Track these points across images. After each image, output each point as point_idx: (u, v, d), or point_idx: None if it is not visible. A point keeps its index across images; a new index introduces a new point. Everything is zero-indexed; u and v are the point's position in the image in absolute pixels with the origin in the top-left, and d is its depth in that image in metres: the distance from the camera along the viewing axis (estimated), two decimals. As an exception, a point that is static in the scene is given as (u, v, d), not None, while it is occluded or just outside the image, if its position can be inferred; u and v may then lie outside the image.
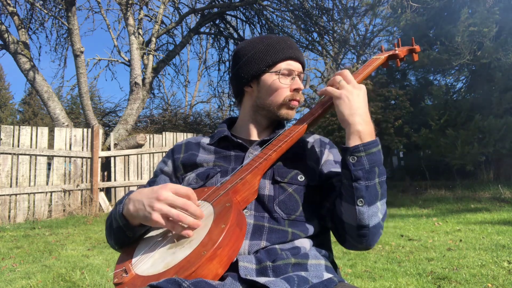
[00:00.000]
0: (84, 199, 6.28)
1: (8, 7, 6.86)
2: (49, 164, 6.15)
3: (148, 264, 0.73)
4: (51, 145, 6.30)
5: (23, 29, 7.09)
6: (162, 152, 7.16)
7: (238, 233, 0.72)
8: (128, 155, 6.89)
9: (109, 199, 6.70)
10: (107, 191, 6.80)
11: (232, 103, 12.59)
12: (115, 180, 6.70)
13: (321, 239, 0.90)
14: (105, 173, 6.85)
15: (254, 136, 1.03)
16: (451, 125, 7.84)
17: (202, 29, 9.67)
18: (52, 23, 8.39)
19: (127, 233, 0.82)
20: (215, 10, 9.04)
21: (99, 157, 6.50)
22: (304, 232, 0.85)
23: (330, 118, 8.50)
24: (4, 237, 4.36)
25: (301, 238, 0.85)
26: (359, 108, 0.83)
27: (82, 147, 6.43)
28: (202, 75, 19.41)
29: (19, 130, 5.80)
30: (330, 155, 0.99)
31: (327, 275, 0.75)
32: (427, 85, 9.81)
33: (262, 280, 0.69)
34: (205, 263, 0.65)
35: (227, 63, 10.38)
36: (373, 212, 0.79)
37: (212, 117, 13.61)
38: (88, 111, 7.03)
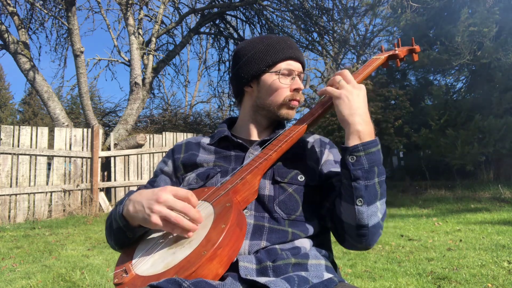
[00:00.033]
0: (84, 199, 6.28)
1: (8, 7, 6.86)
2: (49, 164, 6.15)
3: (148, 264, 0.73)
4: (51, 145, 6.30)
5: (23, 29, 7.10)
6: (162, 152, 7.15)
7: (238, 233, 0.72)
8: (128, 155, 6.89)
9: (109, 199, 6.70)
10: (107, 191, 6.80)
11: (232, 103, 12.60)
12: (115, 180, 6.70)
13: (321, 239, 0.90)
14: (105, 173, 6.86)
15: (254, 136, 1.03)
16: (451, 125, 7.84)
17: (202, 29, 9.67)
18: (52, 23, 8.40)
19: (127, 234, 0.82)
20: (215, 10, 9.04)
21: (99, 157, 6.50)
22: (304, 232, 0.85)
23: (330, 118, 8.50)
24: (4, 237, 4.36)
25: (301, 238, 0.85)
26: (359, 108, 0.83)
27: (82, 147, 6.43)
28: (202, 75, 19.44)
29: (19, 130, 5.80)
30: (330, 155, 0.99)
31: (327, 275, 0.75)
32: (427, 85, 9.81)
33: (262, 280, 0.69)
34: (205, 263, 0.65)
35: (227, 63, 10.38)
36: (372, 212, 0.79)
37: (212, 117, 13.61)
38: (88, 111, 7.03)
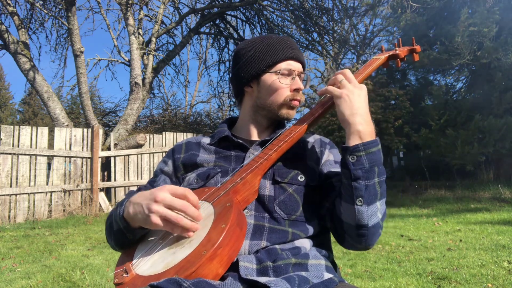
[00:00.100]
0: (84, 199, 6.28)
1: (8, 7, 6.86)
2: (49, 164, 6.15)
3: (148, 264, 0.73)
4: (51, 145, 6.30)
5: (23, 29, 7.10)
6: (162, 152, 7.15)
7: (238, 233, 0.72)
8: (128, 155, 6.89)
9: (109, 199, 6.70)
10: (107, 191, 6.80)
11: (232, 103, 12.60)
12: (115, 180, 6.70)
13: (321, 239, 0.90)
14: (105, 173, 6.86)
15: (255, 136, 1.03)
16: (451, 125, 7.83)
17: (202, 29, 9.67)
18: (52, 23, 8.41)
19: (127, 236, 0.82)
20: (215, 10, 9.04)
21: (99, 157, 6.50)
22: (304, 232, 0.85)
23: (330, 118, 8.50)
24: (4, 237, 4.36)
25: (301, 238, 0.85)
26: (359, 108, 0.83)
27: (82, 147, 6.43)
28: (202, 75, 19.44)
29: (19, 130, 5.80)
30: (330, 155, 0.99)
31: (327, 275, 0.75)
32: (427, 85, 9.81)
33: (262, 280, 0.69)
34: (205, 263, 0.65)
35: (227, 63, 10.39)
36: (372, 212, 0.79)
37: (212, 117, 13.61)
38: (88, 111, 7.03)
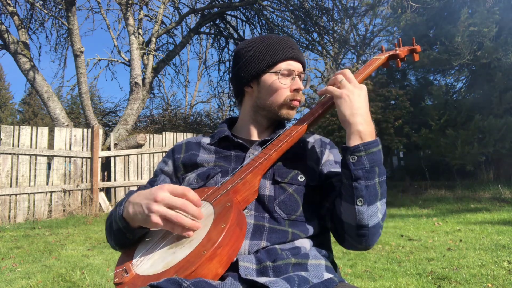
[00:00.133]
0: (84, 199, 6.28)
1: (8, 7, 6.86)
2: (49, 164, 6.15)
3: (148, 264, 0.73)
4: (51, 145, 6.30)
5: (23, 29, 7.10)
6: (162, 152, 7.15)
7: (238, 233, 0.72)
8: (128, 155, 6.89)
9: (109, 199, 6.70)
10: (107, 191, 6.80)
11: (232, 103, 12.60)
12: (115, 180, 6.70)
13: (321, 239, 0.90)
14: (105, 173, 6.86)
15: (255, 136, 1.03)
16: (451, 125, 7.83)
17: (202, 29, 9.67)
18: (52, 23, 8.41)
19: (127, 235, 0.82)
20: (215, 10, 9.04)
21: (99, 157, 6.50)
22: (304, 232, 0.85)
23: (330, 118, 8.50)
24: (4, 237, 4.36)
25: (301, 238, 0.85)
26: (360, 108, 0.83)
27: (82, 147, 6.43)
28: (202, 75, 19.44)
29: (19, 130, 5.80)
30: (331, 155, 0.99)
31: (327, 275, 0.75)
32: (427, 85, 9.81)
33: (262, 280, 0.69)
34: (205, 263, 0.65)
35: (227, 63, 10.39)
36: (372, 212, 0.79)
37: (212, 117, 13.62)
38: (88, 111, 7.03)
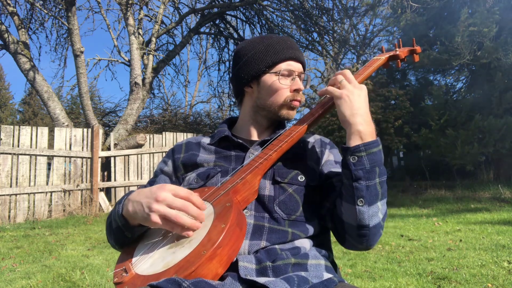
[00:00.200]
0: (84, 199, 6.28)
1: (8, 7, 6.86)
2: (49, 164, 6.15)
3: (148, 263, 0.73)
4: (51, 145, 6.30)
5: (23, 29, 7.10)
6: (162, 152, 7.15)
7: (238, 233, 0.72)
8: (128, 155, 6.89)
9: (109, 199, 6.70)
10: (107, 191, 6.80)
11: (232, 103, 12.60)
12: (115, 180, 6.70)
13: (321, 239, 0.90)
14: (105, 173, 6.86)
15: (255, 136, 1.03)
16: (451, 125, 7.83)
17: (202, 29, 9.67)
18: (52, 23, 8.41)
19: (125, 234, 0.82)
20: (215, 10, 9.04)
21: (99, 157, 6.50)
22: (304, 232, 0.85)
23: (330, 118, 8.49)
24: (4, 237, 4.36)
25: (301, 238, 0.85)
26: (360, 108, 0.83)
27: (82, 147, 6.43)
28: (202, 75, 19.43)
29: (19, 130, 5.80)
30: (331, 156, 0.99)
31: (327, 275, 0.75)
32: (427, 85, 9.81)
33: (262, 280, 0.69)
34: (205, 263, 0.65)
35: (227, 63, 10.39)
36: (373, 212, 0.79)
37: (212, 117, 13.62)
38: (88, 111, 7.03)
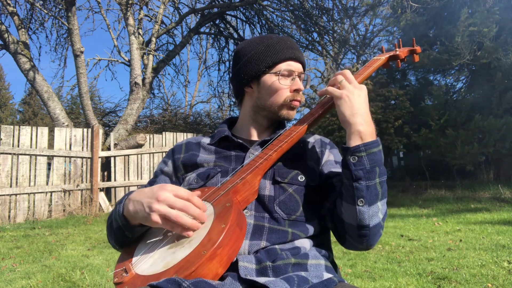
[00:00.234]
0: (84, 199, 6.28)
1: (8, 7, 6.86)
2: (49, 164, 6.15)
3: (148, 263, 0.73)
4: (51, 145, 6.30)
5: (23, 29, 7.09)
6: (162, 152, 7.15)
7: (238, 233, 0.72)
8: (128, 155, 6.89)
9: (109, 199, 6.70)
10: (107, 191, 6.80)
11: (232, 103, 12.60)
12: (115, 180, 6.70)
13: (321, 239, 0.90)
14: (105, 173, 6.85)
15: (255, 136, 1.03)
16: (451, 125, 7.84)
17: (202, 29, 9.67)
18: (52, 23, 8.41)
19: (126, 233, 0.82)
20: (215, 10, 9.04)
21: (99, 157, 6.50)
22: (304, 232, 0.85)
23: (330, 118, 8.49)
24: (4, 237, 4.36)
25: (301, 238, 0.85)
26: (360, 108, 0.83)
27: (82, 147, 6.43)
28: (202, 75, 19.43)
29: (19, 130, 5.80)
30: (331, 156, 0.99)
31: (327, 275, 0.75)
32: (427, 85, 9.81)
33: (262, 280, 0.69)
34: (205, 263, 0.65)
35: (227, 63, 10.39)
36: (373, 212, 0.79)
37: (212, 117, 13.62)
38: (88, 111, 7.03)
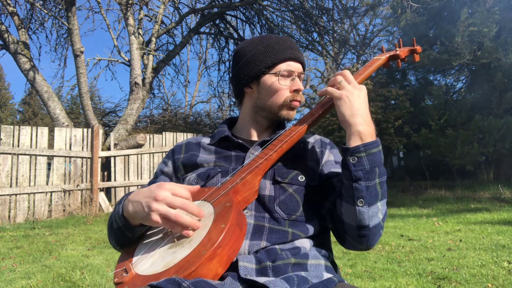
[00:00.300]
0: (84, 199, 6.28)
1: (8, 7, 6.86)
2: (49, 164, 6.15)
3: (148, 263, 0.73)
4: (51, 145, 6.30)
5: (23, 29, 7.09)
6: (162, 152, 7.15)
7: (238, 233, 0.72)
8: (128, 155, 6.89)
9: (109, 199, 6.70)
10: (107, 191, 6.80)
11: (232, 103, 12.60)
12: (115, 180, 6.70)
13: (321, 239, 0.90)
14: (105, 173, 6.85)
15: (255, 136, 1.03)
16: (451, 125, 7.83)
17: (202, 29, 9.67)
18: (52, 23, 8.41)
19: (126, 234, 0.82)
20: (215, 10, 9.04)
21: (99, 157, 6.50)
22: (304, 232, 0.85)
23: (330, 118, 8.49)
24: (4, 237, 4.36)
25: (301, 238, 0.85)
26: (360, 109, 0.83)
27: (82, 147, 6.43)
28: (202, 75, 19.42)
29: (19, 130, 5.80)
30: (331, 156, 0.99)
31: (327, 275, 0.75)
32: (427, 85, 9.81)
33: (261, 280, 0.69)
34: (205, 263, 0.65)
35: (227, 63, 10.39)
36: (373, 213, 0.79)
37: (212, 117, 13.61)
38: (88, 111, 7.03)
